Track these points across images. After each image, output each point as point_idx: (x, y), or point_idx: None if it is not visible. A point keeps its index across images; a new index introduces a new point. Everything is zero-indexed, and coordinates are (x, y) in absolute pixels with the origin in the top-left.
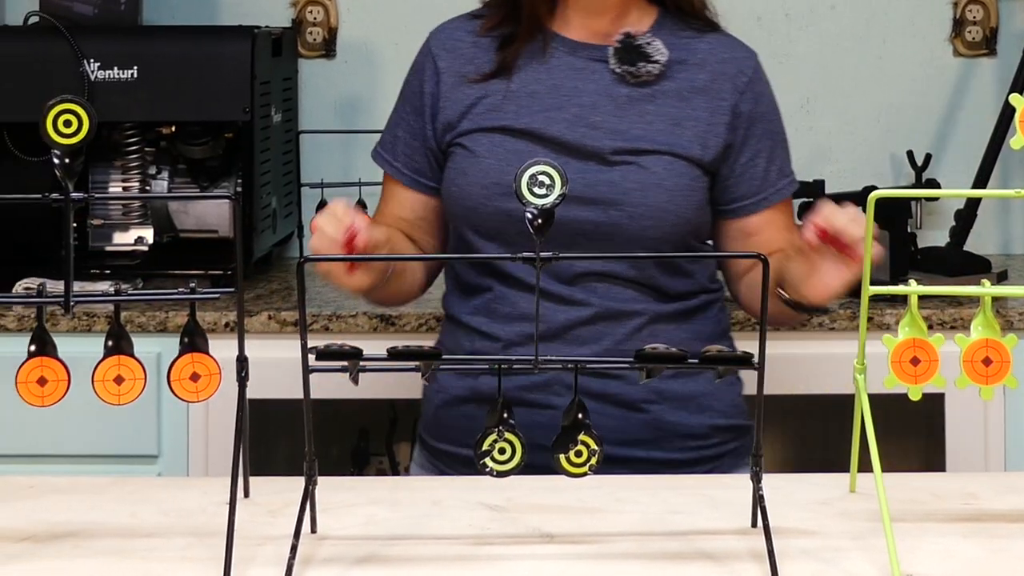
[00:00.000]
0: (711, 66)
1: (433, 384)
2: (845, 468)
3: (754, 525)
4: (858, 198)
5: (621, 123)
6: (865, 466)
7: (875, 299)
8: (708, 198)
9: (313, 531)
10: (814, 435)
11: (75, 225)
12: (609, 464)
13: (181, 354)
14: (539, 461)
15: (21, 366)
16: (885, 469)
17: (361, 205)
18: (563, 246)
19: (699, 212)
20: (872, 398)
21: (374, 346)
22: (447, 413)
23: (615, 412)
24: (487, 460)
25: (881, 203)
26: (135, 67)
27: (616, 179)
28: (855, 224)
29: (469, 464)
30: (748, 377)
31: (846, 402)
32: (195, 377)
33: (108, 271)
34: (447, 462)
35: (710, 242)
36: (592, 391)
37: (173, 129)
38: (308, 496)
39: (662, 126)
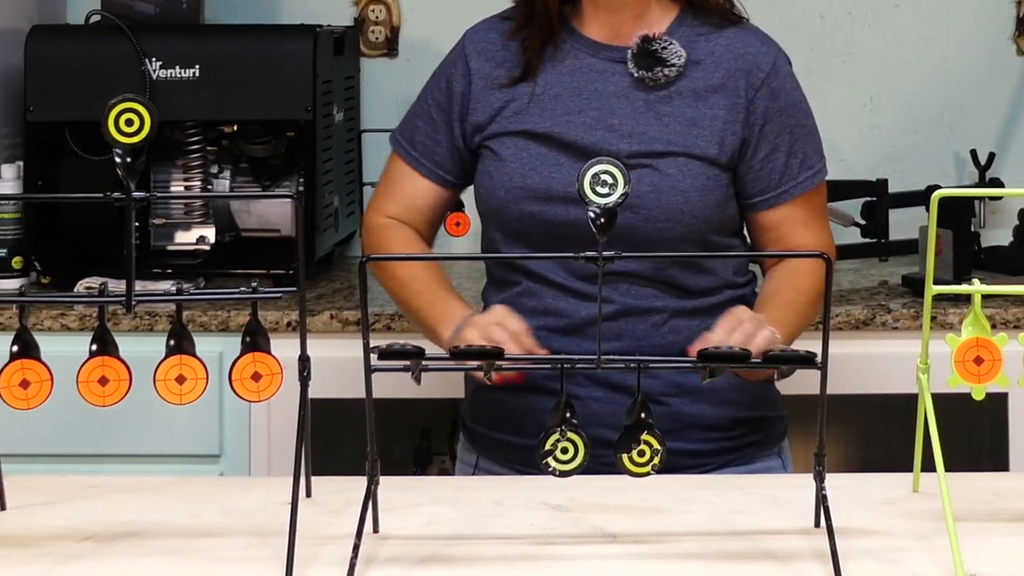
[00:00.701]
0: (727, 63)
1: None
2: (908, 468)
3: (817, 525)
4: (921, 197)
5: (638, 126)
6: (928, 466)
7: (938, 298)
8: (730, 194)
9: (375, 531)
10: (877, 435)
11: (137, 224)
12: None
13: (243, 353)
14: None
15: (82, 365)
16: (948, 469)
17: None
18: (578, 247)
19: (718, 210)
20: (935, 397)
21: (436, 346)
22: (480, 398)
23: None
24: (550, 460)
25: (944, 202)
26: (197, 66)
27: (631, 182)
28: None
29: (501, 446)
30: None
31: (909, 402)
32: (257, 377)
33: (170, 270)
34: (483, 443)
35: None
36: (614, 383)
37: (235, 128)
38: (370, 496)
39: (678, 127)
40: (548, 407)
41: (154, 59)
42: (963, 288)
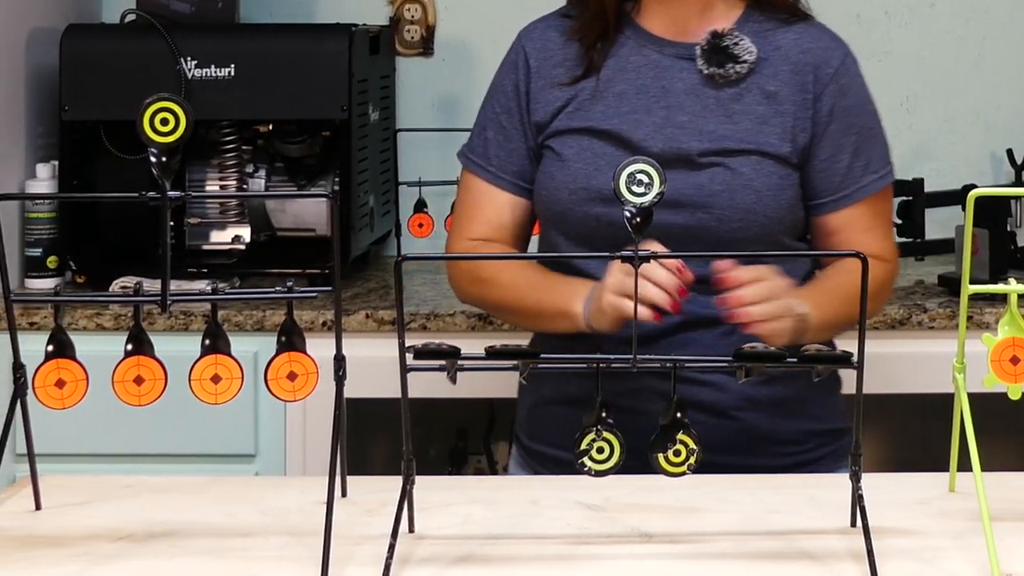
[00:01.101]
0: (795, 58)
1: (526, 384)
2: (944, 467)
3: (853, 524)
4: (957, 196)
5: (708, 123)
6: (964, 465)
7: (974, 298)
8: (800, 195)
9: (411, 531)
10: (913, 434)
11: (172, 224)
12: (702, 471)
13: (278, 353)
14: (632, 466)
15: (118, 365)
16: (985, 468)
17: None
18: None
19: (790, 211)
20: (971, 397)
21: (472, 345)
22: (538, 414)
23: (706, 420)
24: (585, 459)
25: (980, 202)
26: (232, 65)
27: (704, 182)
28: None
29: (561, 464)
30: (847, 379)
31: (946, 401)
32: (292, 376)
33: (205, 270)
34: (540, 461)
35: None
36: (683, 398)
37: (270, 127)
38: (406, 495)
39: (749, 125)
40: (619, 425)
41: (189, 58)
42: (999, 288)
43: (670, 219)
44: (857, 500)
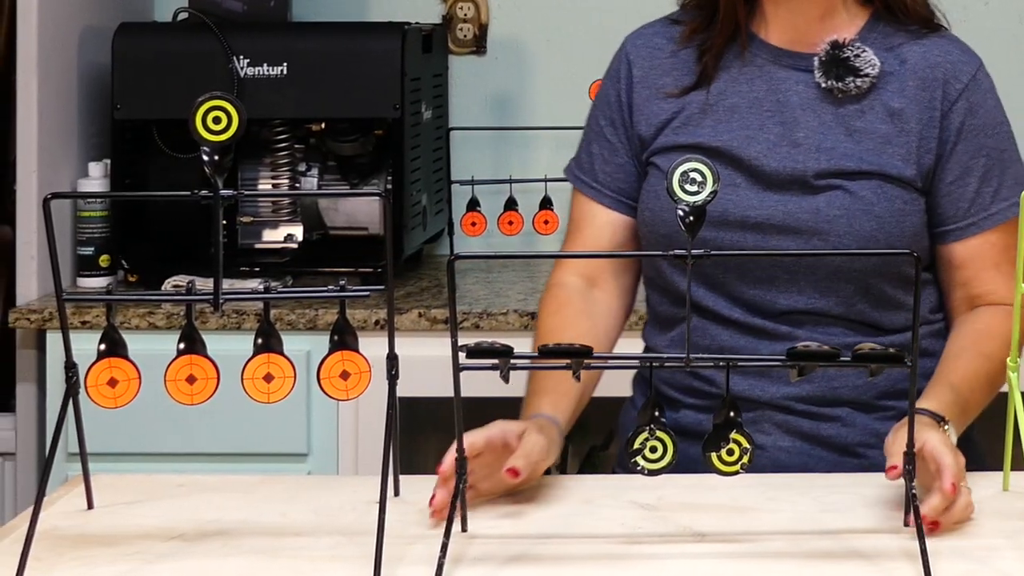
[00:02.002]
0: (922, 72)
1: (627, 417)
2: (998, 467)
3: (907, 524)
4: None
5: (826, 140)
6: (1018, 464)
7: None
8: (925, 222)
9: (464, 530)
10: (968, 433)
11: (224, 223)
12: None
13: (331, 352)
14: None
15: (170, 364)
16: None
17: (512, 203)
18: (761, 280)
19: (914, 239)
20: None
21: (524, 344)
22: None
23: (828, 456)
24: (638, 459)
25: None
26: (284, 64)
27: (820, 206)
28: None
29: None
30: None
31: (1000, 400)
32: (345, 375)
33: (257, 268)
34: None
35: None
36: (803, 432)
37: (323, 126)
38: (458, 494)
39: (871, 145)
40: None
41: (242, 57)
42: None
43: (783, 245)
44: (911, 499)
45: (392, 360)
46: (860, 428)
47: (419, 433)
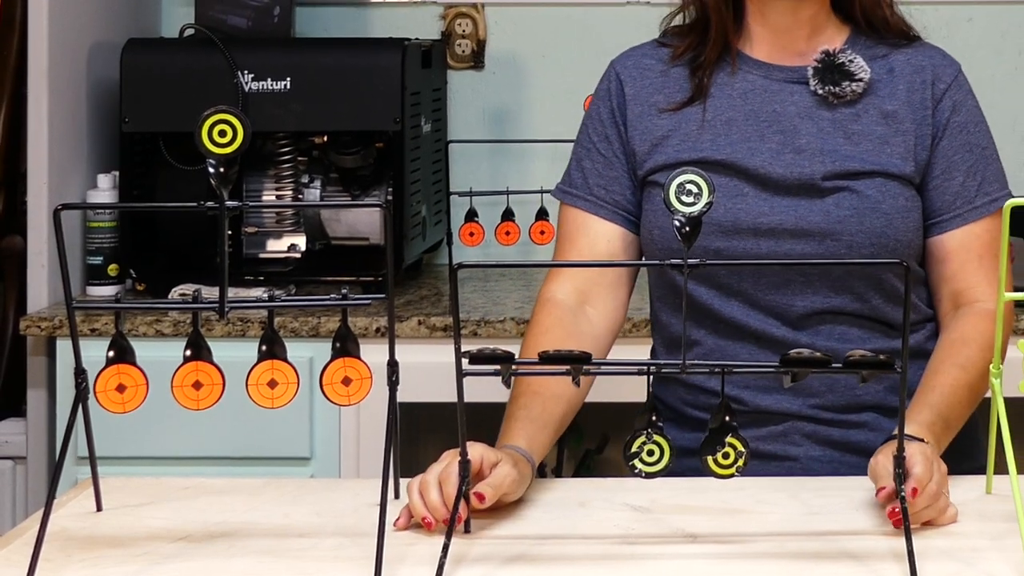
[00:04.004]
0: (909, 76)
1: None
2: (982, 470)
3: (895, 526)
4: None
5: (828, 144)
6: (1001, 468)
7: (1012, 304)
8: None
9: (466, 531)
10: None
11: (230, 233)
12: None
13: (333, 359)
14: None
15: (177, 370)
16: (1021, 471)
17: (509, 214)
18: (776, 285)
19: (917, 234)
20: (1008, 401)
21: None
22: None
23: (858, 462)
24: (636, 462)
25: (1017, 211)
26: (288, 78)
27: (830, 208)
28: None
29: None
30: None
31: (983, 405)
32: (347, 381)
33: (262, 277)
34: None
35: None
36: (833, 440)
37: (325, 139)
38: (460, 496)
39: (870, 146)
40: (752, 471)
41: (246, 71)
42: None
43: (797, 249)
44: (900, 501)
45: (392, 366)
46: (887, 431)
47: (418, 437)
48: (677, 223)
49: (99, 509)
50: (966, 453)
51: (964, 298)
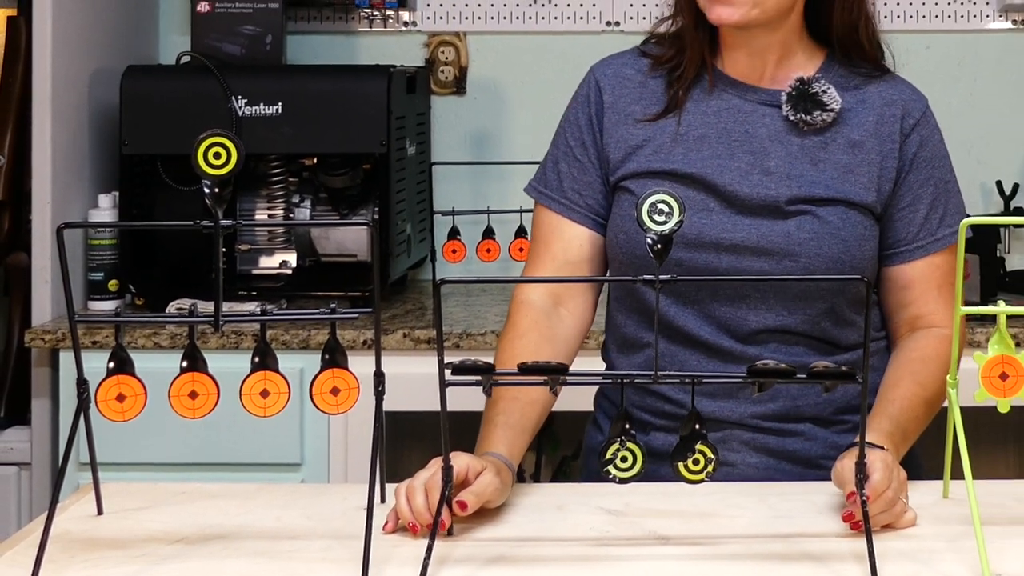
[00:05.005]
0: (879, 109)
1: (592, 438)
2: (939, 476)
3: (855, 529)
4: None
5: (795, 169)
6: (957, 474)
7: (966, 318)
8: (878, 248)
9: (449, 533)
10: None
11: (224, 250)
12: None
13: (322, 370)
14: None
15: (174, 381)
16: (976, 477)
17: (490, 232)
18: (733, 299)
19: (872, 262)
20: (964, 410)
21: None
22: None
23: (793, 469)
24: (611, 468)
25: (972, 229)
26: (279, 103)
27: (791, 230)
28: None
29: None
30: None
31: (941, 414)
32: (335, 391)
33: (254, 292)
34: None
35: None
36: (769, 448)
37: (315, 161)
38: (444, 500)
39: (835, 174)
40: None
41: (240, 97)
42: (989, 309)
43: (756, 266)
44: (861, 505)
45: (379, 377)
46: (821, 441)
47: (403, 444)
48: (649, 240)
49: (100, 513)
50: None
51: (923, 323)
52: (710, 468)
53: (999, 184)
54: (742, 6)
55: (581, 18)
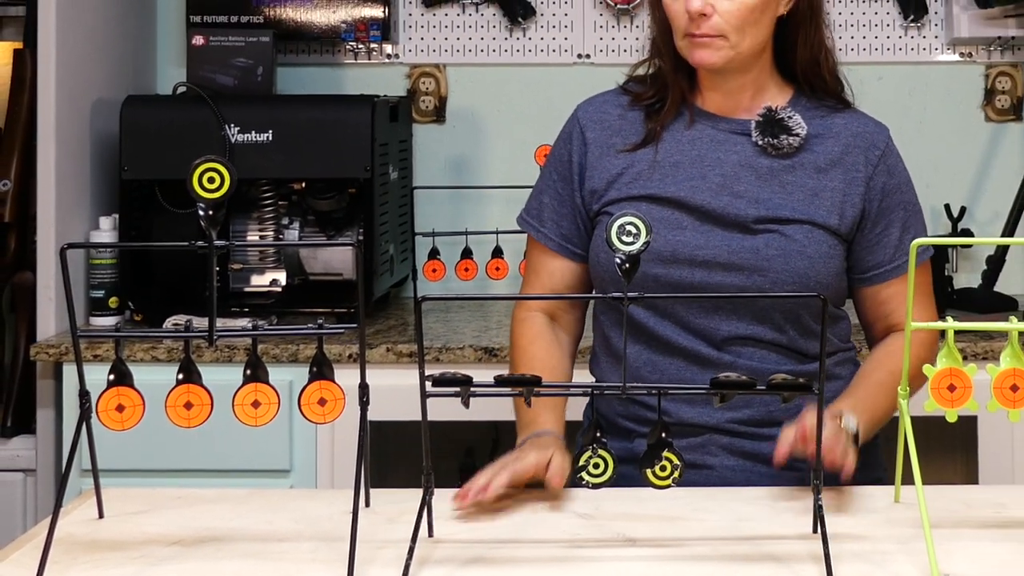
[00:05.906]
0: (845, 139)
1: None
2: (891, 481)
3: (814, 531)
4: None
5: (763, 192)
6: (908, 479)
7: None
8: (844, 266)
9: (430, 535)
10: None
11: (218, 269)
12: None
13: (310, 382)
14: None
15: (170, 392)
16: (925, 482)
17: (468, 252)
18: (706, 311)
19: (837, 279)
20: (914, 420)
21: (479, 374)
22: None
23: (768, 471)
24: (583, 474)
25: (922, 250)
26: (270, 131)
27: (759, 246)
28: (832, 445)
29: None
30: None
31: (892, 423)
32: (323, 402)
33: (246, 309)
34: None
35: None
36: (746, 451)
37: (303, 185)
38: (425, 504)
39: (801, 196)
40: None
41: (233, 125)
42: (938, 324)
43: (726, 281)
44: (817, 510)
45: (364, 389)
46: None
47: (387, 452)
48: (618, 260)
49: (101, 516)
50: (868, 464)
51: (899, 328)
52: (676, 474)
53: (947, 207)
54: (720, 49)
55: (554, 51)
